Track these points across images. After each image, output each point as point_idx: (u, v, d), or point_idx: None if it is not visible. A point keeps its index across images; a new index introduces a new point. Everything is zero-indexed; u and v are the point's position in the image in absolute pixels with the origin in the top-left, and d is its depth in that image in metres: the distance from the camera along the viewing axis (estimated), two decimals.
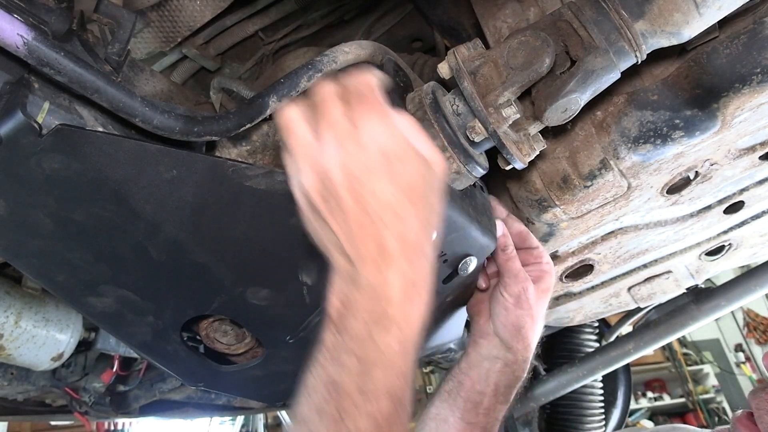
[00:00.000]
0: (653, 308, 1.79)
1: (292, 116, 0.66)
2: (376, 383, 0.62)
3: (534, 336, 1.04)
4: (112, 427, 4.86)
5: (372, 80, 0.67)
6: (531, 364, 1.08)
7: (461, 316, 1.21)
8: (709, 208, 1.18)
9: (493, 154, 0.89)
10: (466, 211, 0.87)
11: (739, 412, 0.84)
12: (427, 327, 0.68)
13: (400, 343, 0.63)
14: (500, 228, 0.99)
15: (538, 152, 0.87)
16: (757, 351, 8.23)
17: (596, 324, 2.10)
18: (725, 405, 7.86)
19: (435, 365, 2.48)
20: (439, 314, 1.17)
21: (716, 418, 7.64)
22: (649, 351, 1.82)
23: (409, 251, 0.64)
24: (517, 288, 1.00)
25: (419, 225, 0.65)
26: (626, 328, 1.94)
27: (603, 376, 1.99)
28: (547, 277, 1.05)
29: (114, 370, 1.91)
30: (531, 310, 1.01)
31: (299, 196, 0.68)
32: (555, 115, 0.80)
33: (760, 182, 1.15)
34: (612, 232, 1.20)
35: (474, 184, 0.94)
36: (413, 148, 0.66)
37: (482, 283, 1.10)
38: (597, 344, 2.07)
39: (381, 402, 0.62)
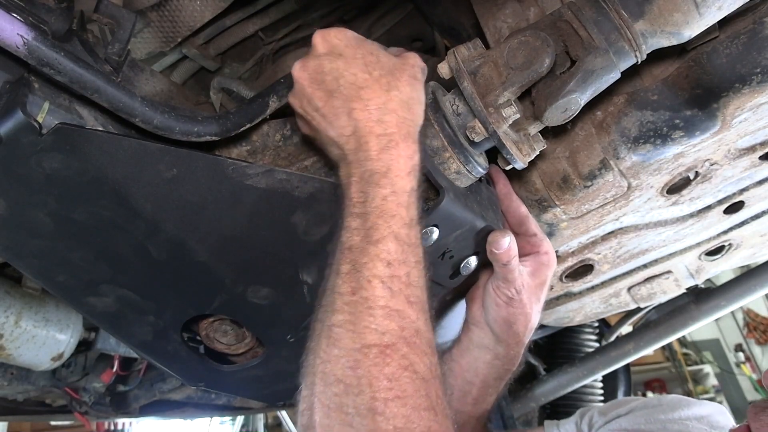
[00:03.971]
0: (653, 308, 1.79)
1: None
2: (380, 230, 0.69)
3: (526, 332, 1.01)
4: (112, 427, 4.87)
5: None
6: (523, 358, 1.06)
7: (460, 314, 1.21)
8: (709, 208, 1.18)
9: (493, 154, 0.89)
10: (470, 207, 0.87)
11: (738, 426, 0.83)
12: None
13: (393, 193, 0.71)
14: (506, 242, 0.91)
15: (538, 152, 0.87)
16: (757, 351, 8.24)
17: (596, 324, 2.10)
18: (725, 405, 7.85)
19: None
20: (440, 313, 1.17)
21: None
22: (649, 351, 1.82)
23: (377, 118, 0.74)
24: (510, 291, 0.97)
25: (380, 88, 0.75)
26: (626, 328, 1.94)
27: (603, 376, 1.99)
28: (543, 269, 1.00)
29: (114, 370, 1.91)
30: (524, 308, 0.98)
31: (299, 123, 0.84)
32: (555, 115, 0.80)
33: (760, 182, 1.15)
34: (612, 232, 1.20)
35: (480, 178, 0.94)
36: (360, 39, 0.79)
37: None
38: (597, 344, 2.07)
39: (388, 244, 0.68)
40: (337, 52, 0.77)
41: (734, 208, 1.19)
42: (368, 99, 0.74)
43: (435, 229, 0.83)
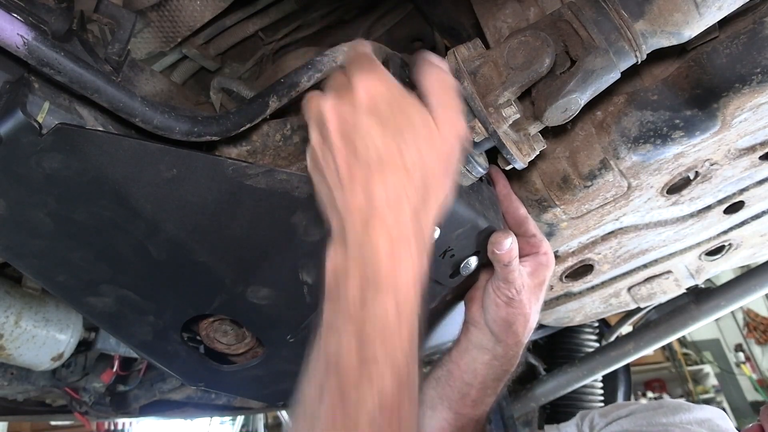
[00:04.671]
0: (653, 308, 1.79)
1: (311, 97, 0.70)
2: (377, 354, 0.58)
3: (525, 332, 1.01)
4: (112, 427, 4.87)
5: (362, 47, 0.74)
6: (521, 359, 1.06)
7: (459, 314, 1.21)
8: (709, 208, 1.18)
9: (493, 154, 0.89)
10: (472, 206, 0.87)
11: (750, 426, 0.83)
12: (426, 327, 0.68)
13: (396, 307, 0.60)
14: (508, 242, 0.91)
15: (538, 152, 0.87)
16: (757, 351, 8.24)
17: (596, 324, 2.10)
18: (725, 405, 7.87)
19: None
20: (439, 313, 1.17)
21: None
22: (649, 351, 1.82)
23: (394, 203, 0.62)
24: (510, 292, 0.96)
25: (406, 176, 0.63)
26: (626, 328, 1.94)
27: (603, 376, 1.99)
28: (542, 270, 1.00)
29: (114, 370, 1.91)
30: (523, 309, 0.98)
31: (309, 159, 0.71)
32: (555, 115, 0.80)
33: (760, 182, 1.15)
34: (612, 232, 1.20)
35: (481, 178, 0.94)
36: (406, 96, 0.67)
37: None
38: (597, 344, 2.08)
39: (384, 379, 0.57)
40: (377, 113, 0.65)
41: (734, 208, 1.19)
42: (390, 184, 0.63)
43: (437, 228, 0.83)
